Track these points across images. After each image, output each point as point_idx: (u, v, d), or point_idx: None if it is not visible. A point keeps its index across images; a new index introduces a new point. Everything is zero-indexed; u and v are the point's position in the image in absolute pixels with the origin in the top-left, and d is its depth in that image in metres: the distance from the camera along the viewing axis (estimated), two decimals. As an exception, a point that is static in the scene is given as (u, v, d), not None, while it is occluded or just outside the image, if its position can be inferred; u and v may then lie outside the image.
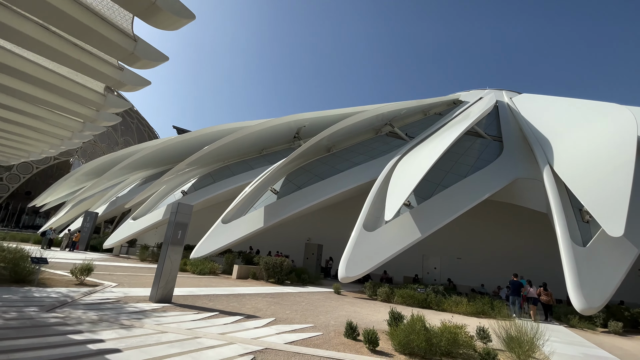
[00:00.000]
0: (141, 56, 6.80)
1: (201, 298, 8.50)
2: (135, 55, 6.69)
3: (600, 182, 13.07)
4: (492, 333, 6.37)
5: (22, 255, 8.66)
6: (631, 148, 13.09)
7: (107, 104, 8.99)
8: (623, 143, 13.75)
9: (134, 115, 64.53)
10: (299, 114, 24.11)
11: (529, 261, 19.86)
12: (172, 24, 6.17)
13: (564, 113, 21.11)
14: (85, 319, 5.17)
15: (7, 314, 4.95)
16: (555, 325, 11.80)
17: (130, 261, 17.84)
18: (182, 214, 7.94)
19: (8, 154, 15.75)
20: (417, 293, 12.06)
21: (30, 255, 8.60)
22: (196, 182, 22.90)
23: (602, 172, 13.37)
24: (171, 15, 5.88)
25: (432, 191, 15.81)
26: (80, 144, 12.95)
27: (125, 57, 6.76)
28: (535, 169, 17.10)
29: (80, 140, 12.62)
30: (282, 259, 14.43)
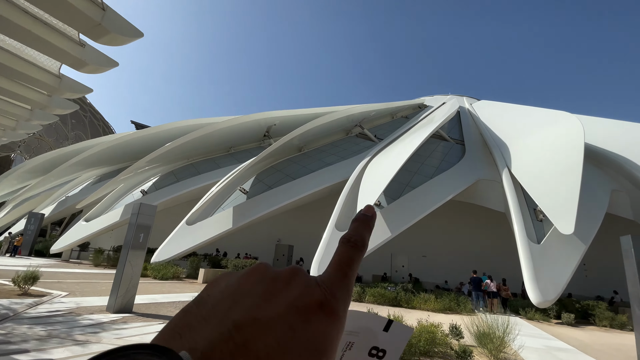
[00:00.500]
0: (110, 29, 5.67)
1: (165, 306, 7.92)
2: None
3: (552, 183, 14.12)
4: (465, 329, 6.54)
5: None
6: (579, 152, 14.28)
7: (63, 87, 7.91)
8: (572, 148, 14.97)
9: (87, 107, 59.56)
10: (269, 112, 23.65)
11: (488, 258, 21.06)
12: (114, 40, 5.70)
13: (519, 119, 22.69)
14: (31, 335, 4.53)
15: None
16: (514, 318, 12.53)
17: (83, 267, 16.35)
18: (144, 215, 7.33)
19: None
20: (387, 292, 12.24)
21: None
22: (157, 181, 21.57)
23: (554, 174, 14.47)
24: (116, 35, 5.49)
25: (401, 192, 16.19)
26: (25, 136, 11.46)
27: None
28: (494, 171, 18.16)
29: (26, 131, 11.19)
30: (252, 261, 13.97)
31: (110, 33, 5.78)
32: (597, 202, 15.05)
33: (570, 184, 13.40)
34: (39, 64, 7.12)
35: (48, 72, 7.41)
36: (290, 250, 19.08)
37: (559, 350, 6.65)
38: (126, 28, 6.09)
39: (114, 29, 5.77)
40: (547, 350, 6.53)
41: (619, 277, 19.85)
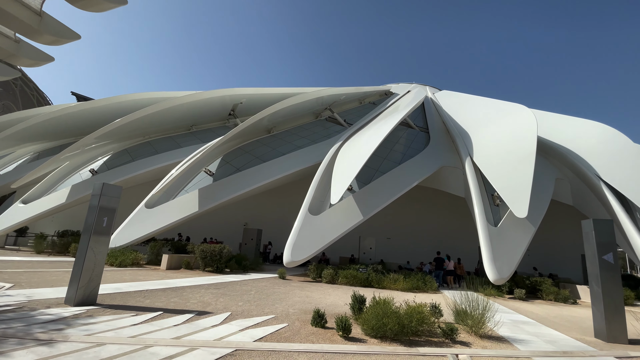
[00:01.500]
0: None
1: (133, 295, 7.26)
2: (39, 31, 5.80)
3: (509, 171, 15.22)
4: (444, 307, 6.85)
5: None
6: (532, 142, 15.46)
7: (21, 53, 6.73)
8: (526, 138, 16.15)
9: (15, 74, 51.86)
10: (235, 88, 22.33)
11: (445, 239, 22.49)
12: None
13: (479, 110, 24.01)
14: (-24, 338, 3.82)
15: None
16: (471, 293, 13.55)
17: (22, 254, 14.53)
18: (108, 196, 6.52)
19: None
20: (359, 273, 12.51)
21: None
22: (109, 160, 19.63)
23: (510, 162, 15.58)
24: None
25: (372, 176, 16.44)
26: None
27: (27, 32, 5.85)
28: (456, 159, 19.15)
29: None
30: (222, 246, 13.40)
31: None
32: (544, 189, 16.57)
33: (524, 171, 14.50)
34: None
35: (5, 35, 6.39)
36: (259, 234, 18.65)
37: (524, 324, 7.27)
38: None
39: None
40: (514, 324, 7.11)
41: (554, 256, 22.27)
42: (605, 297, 5.96)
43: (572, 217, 21.80)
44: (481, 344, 5.29)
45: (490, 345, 5.22)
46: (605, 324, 5.84)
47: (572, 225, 23.10)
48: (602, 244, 6.20)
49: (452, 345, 5.07)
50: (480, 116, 22.41)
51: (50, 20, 5.98)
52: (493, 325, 5.98)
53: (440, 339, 5.34)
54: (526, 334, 6.28)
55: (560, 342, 5.82)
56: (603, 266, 6.10)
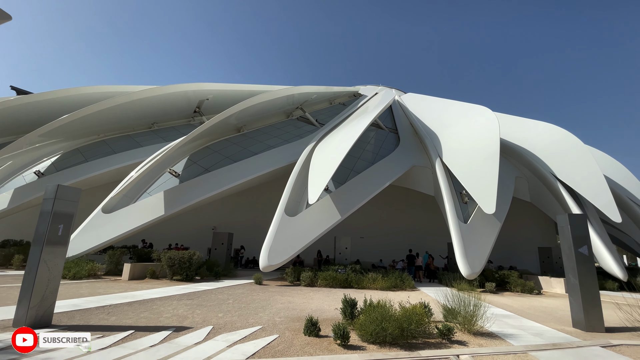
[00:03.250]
0: None
1: (94, 312, 6.39)
2: None
3: (475, 170, 15.93)
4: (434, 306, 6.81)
5: None
6: (496, 142, 16.32)
7: None
8: (490, 137, 17.03)
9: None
10: (199, 83, 21.17)
11: (416, 237, 23.14)
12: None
13: (444, 112, 25.03)
14: None
15: None
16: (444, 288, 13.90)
17: (-52, 270, 12.46)
18: (63, 200, 5.65)
19: None
20: (338, 274, 12.32)
21: None
22: (58, 161, 17.68)
23: (477, 161, 16.32)
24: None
25: (347, 176, 16.37)
26: None
27: None
28: (426, 159, 19.74)
29: None
30: (192, 252, 12.49)
31: None
32: (506, 187, 17.57)
33: (490, 169, 15.25)
34: None
35: None
36: (230, 238, 17.77)
37: (505, 317, 7.47)
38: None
39: None
40: (497, 318, 7.26)
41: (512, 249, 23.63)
42: (583, 289, 6.26)
43: (529, 212, 23.49)
44: (476, 342, 5.27)
45: (486, 343, 5.22)
46: (584, 315, 6.13)
47: (529, 220, 24.98)
48: (578, 237, 6.52)
49: (450, 345, 4.99)
50: (446, 117, 23.35)
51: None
52: (482, 322, 6.02)
53: (437, 339, 5.24)
54: (512, 328, 6.42)
55: (545, 335, 6.00)
56: (579, 259, 6.41)
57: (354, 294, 6.90)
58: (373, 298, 6.38)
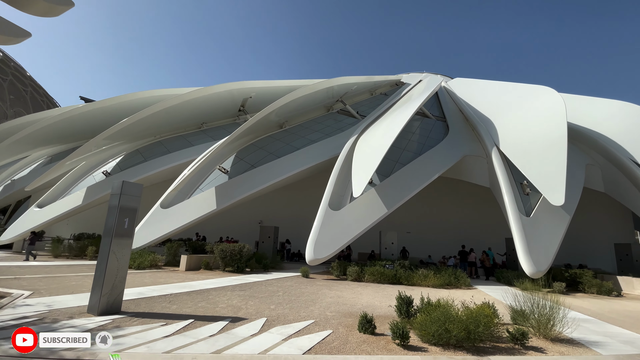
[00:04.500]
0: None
1: (157, 300, 6.80)
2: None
3: (540, 157, 14.36)
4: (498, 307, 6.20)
5: None
6: (563, 125, 14.56)
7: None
8: (556, 121, 15.24)
9: (26, 81, 52.32)
10: (242, 81, 21.73)
11: (468, 231, 21.72)
12: (48, 11, 5.07)
13: (500, 95, 22.99)
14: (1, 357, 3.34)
15: None
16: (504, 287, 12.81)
17: (40, 258, 14.30)
18: (128, 195, 6.03)
19: None
20: (386, 270, 11.91)
21: None
22: (122, 161, 19.33)
23: (541, 148, 14.70)
24: (44, 3, 4.94)
25: (392, 168, 15.75)
26: None
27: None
28: (479, 147, 18.30)
29: None
30: (242, 245, 12.93)
31: (38, 1, 4.76)
32: (575, 176, 15.66)
33: (557, 156, 13.66)
34: None
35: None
36: (276, 232, 18.15)
37: (584, 322, 6.60)
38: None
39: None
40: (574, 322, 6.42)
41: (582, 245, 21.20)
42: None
43: (602, 204, 20.82)
44: (556, 349, 4.65)
45: (567, 351, 4.58)
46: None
47: (601, 213, 22.15)
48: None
49: (524, 352, 4.45)
50: (502, 101, 21.44)
51: None
52: (561, 327, 5.31)
53: (508, 344, 4.72)
54: (595, 334, 5.62)
55: (637, 343, 5.15)
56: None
57: (404, 291, 6.54)
58: (426, 296, 5.98)
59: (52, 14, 4.92)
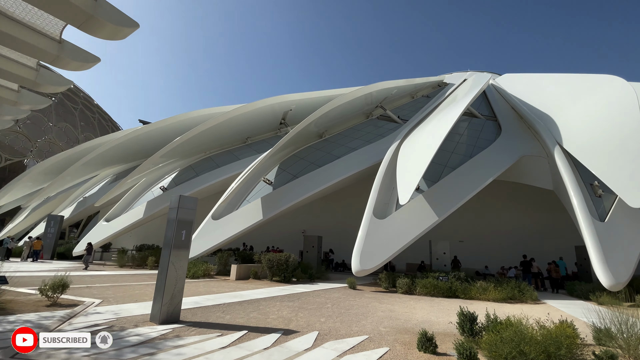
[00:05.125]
0: (105, 19, 5.47)
1: (212, 310, 7.00)
2: (60, 57, 6.14)
3: (612, 154, 12.74)
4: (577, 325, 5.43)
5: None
6: (636, 115, 12.82)
7: (40, 80, 7.20)
8: (627, 112, 13.47)
9: (94, 109, 59.21)
10: (282, 95, 22.31)
11: (526, 239, 19.81)
12: (114, 34, 5.46)
13: (557, 89, 20.98)
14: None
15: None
16: (577, 301, 11.34)
17: (107, 268, 15.69)
18: (185, 209, 6.33)
19: None
20: (440, 282, 11.18)
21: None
22: (176, 177, 20.75)
23: (613, 143, 13.06)
24: (113, 26, 5.32)
25: (440, 173, 14.97)
26: None
27: (49, 60, 6.23)
28: (538, 146, 16.77)
29: None
30: (287, 255, 13.04)
31: (106, 24, 5.18)
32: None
33: (633, 153, 12.03)
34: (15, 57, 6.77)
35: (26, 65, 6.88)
36: (320, 241, 18.11)
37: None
38: (121, 18, 5.55)
39: (109, 19, 5.19)
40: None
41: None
42: None
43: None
44: (664, 381, 3.89)
45: (681, 384, 3.80)
46: None
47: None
48: None
49: (623, 382, 3.78)
50: (560, 95, 19.52)
51: (70, 46, 6.25)
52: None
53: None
54: None
55: None
56: None
57: (461, 305, 6.02)
58: (490, 311, 5.43)
59: (119, 37, 5.41)
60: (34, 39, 5.60)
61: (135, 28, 5.25)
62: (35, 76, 7.07)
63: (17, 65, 6.72)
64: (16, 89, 8.01)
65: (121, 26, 5.27)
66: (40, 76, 6.94)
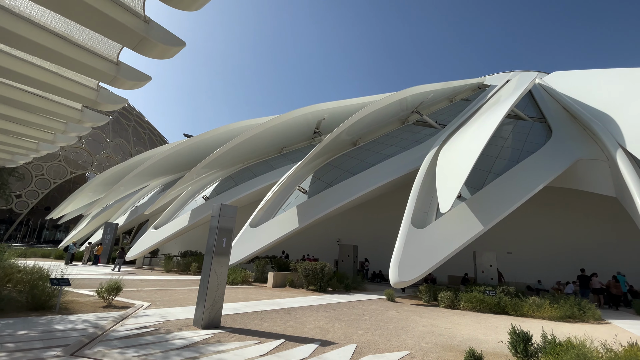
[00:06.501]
0: (155, 40, 5.84)
1: (250, 317, 7.11)
2: (117, 78, 6.68)
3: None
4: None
5: (41, 275, 7.45)
6: None
7: (100, 99, 7.92)
8: None
9: (145, 125, 64.42)
10: (315, 104, 22.52)
11: (584, 251, 17.89)
12: (164, 53, 5.92)
13: (614, 85, 19.07)
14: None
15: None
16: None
17: (155, 273, 16.70)
18: (226, 217, 6.56)
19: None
20: (487, 297, 10.42)
21: (50, 275, 7.38)
22: (217, 186, 21.70)
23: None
24: (163, 46, 5.73)
25: (484, 180, 14.13)
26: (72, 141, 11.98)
27: (108, 80, 6.82)
28: (596, 149, 15.24)
29: (62, 143, 11.71)
30: (323, 264, 12.98)
31: (157, 45, 5.66)
32: None
33: None
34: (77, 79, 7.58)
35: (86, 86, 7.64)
36: (355, 251, 17.82)
37: None
38: (170, 38, 5.98)
39: (159, 39, 5.66)
40: None
41: None
42: None
43: None
44: None
45: None
46: None
47: None
48: None
49: None
50: (619, 92, 17.68)
51: (126, 67, 6.80)
52: None
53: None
54: None
55: None
56: None
57: (512, 323, 5.53)
58: (547, 331, 4.92)
59: (168, 56, 5.85)
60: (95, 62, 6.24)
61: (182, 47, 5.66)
62: (96, 96, 7.77)
63: (81, 86, 7.44)
64: (80, 108, 8.89)
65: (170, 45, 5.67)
66: (100, 96, 7.71)
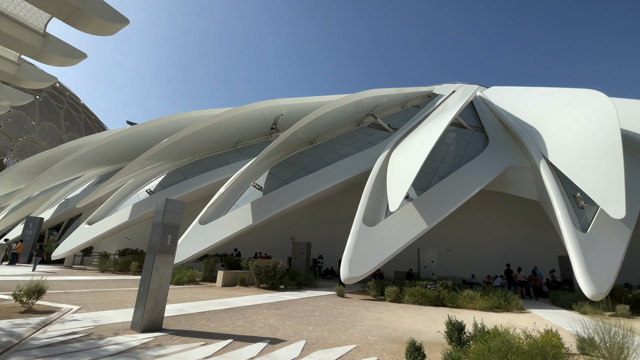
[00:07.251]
0: (94, 14, 5.30)
1: (196, 318, 6.80)
2: (44, 52, 6.04)
3: (594, 167, 13.13)
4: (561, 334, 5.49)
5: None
6: (616, 130, 13.27)
7: (22, 75, 6.96)
8: (608, 126, 13.93)
9: (80, 109, 57.82)
10: (272, 100, 22.22)
11: (511, 249, 20.17)
12: (102, 29, 5.34)
13: (542, 102, 21.65)
14: (46, 376, 3.39)
15: None
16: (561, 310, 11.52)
17: (88, 273, 15.15)
18: (171, 213, 6.17)
19: None
20: (428, 290, 11.21)
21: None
22: (164, 180, 20.33)
23: (594, 156, 13.47)
24: (101, 21, 5.18)
25: (429, 182, 15.14)
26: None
27: (32, 54, 6.11)
28: (523, 158, 17.17)
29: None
30: (276, 261, 12.86)
31: (94, 19, 5.09)
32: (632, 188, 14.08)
33: (613, 165, 12.45)
34: None
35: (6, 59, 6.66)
36: (309, 248, 17.97)
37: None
38: (110, 13, 5.50)
39: (97, 13, 5.10)
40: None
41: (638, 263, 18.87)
42: None
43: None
44: (646, 391, 3.95)
45: (662, 394, 3.87)
46: None
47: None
48: None
49: (607, 393, 3.82)
50: (545, 108, 20.13)
51: (55, 41, 6.15)
52: (635, 357, 4.56)
53: (584, 382, 4.09)
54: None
55: None
56: None
57: (449, 314, 6.03)
58: (477, 320, 5.46)
59: (108, 33, 5.29)
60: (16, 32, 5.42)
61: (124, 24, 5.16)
62: (17, 70, 6.81)
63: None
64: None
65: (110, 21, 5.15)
66: (22, 71, 6.70)
